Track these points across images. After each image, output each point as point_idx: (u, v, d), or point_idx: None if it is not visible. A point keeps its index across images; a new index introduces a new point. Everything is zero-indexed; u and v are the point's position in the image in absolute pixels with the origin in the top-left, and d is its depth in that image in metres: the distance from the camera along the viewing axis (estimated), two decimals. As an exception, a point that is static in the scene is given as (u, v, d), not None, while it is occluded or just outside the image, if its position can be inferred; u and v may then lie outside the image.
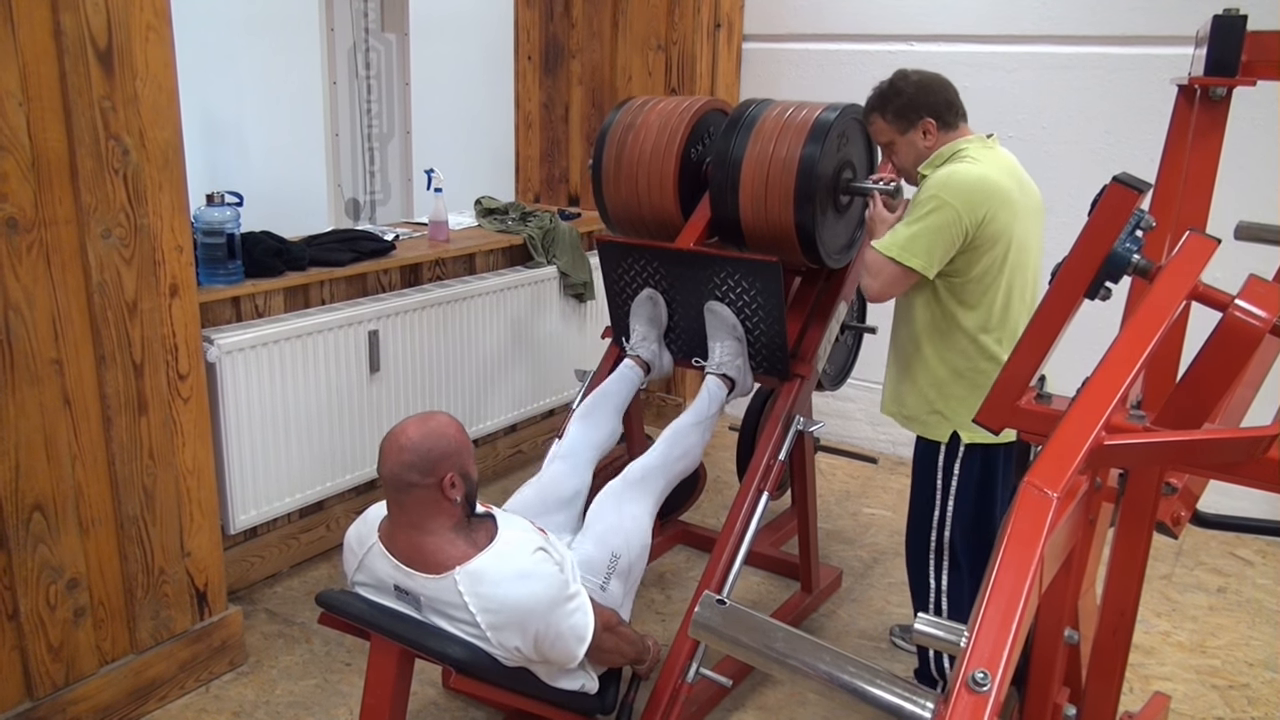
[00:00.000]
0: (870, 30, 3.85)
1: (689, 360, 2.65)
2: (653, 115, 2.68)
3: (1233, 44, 1.49)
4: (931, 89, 2.27)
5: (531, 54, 4.32)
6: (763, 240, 2.52)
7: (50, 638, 2.19)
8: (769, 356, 2.52)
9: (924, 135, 2.27)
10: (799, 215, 2.41)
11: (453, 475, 1.87)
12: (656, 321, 2.62)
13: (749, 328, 2.50)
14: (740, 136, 2.49)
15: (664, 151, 2.62)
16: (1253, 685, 2.67)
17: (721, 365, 2.50)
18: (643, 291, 2.62)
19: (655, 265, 2.58)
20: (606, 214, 2.80)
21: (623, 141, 2.68)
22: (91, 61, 2.05)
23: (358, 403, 3.11)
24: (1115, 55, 3.41)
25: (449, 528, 1.89)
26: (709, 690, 2.39)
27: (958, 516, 2.36)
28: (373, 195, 4.87)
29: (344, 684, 2.56)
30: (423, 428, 1.88)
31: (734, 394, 2.53)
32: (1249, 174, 3.05)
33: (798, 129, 2.43)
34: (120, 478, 2.26)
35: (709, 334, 2.54)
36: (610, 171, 2.71)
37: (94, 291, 2.14)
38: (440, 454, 1.86)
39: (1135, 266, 1.29)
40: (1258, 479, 1.17)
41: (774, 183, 2.42)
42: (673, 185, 2.62)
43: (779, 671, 0.96)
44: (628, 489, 2.30)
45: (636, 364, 2.58)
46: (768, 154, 2.43)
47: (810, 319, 2.65)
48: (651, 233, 2.74)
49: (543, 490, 2.35)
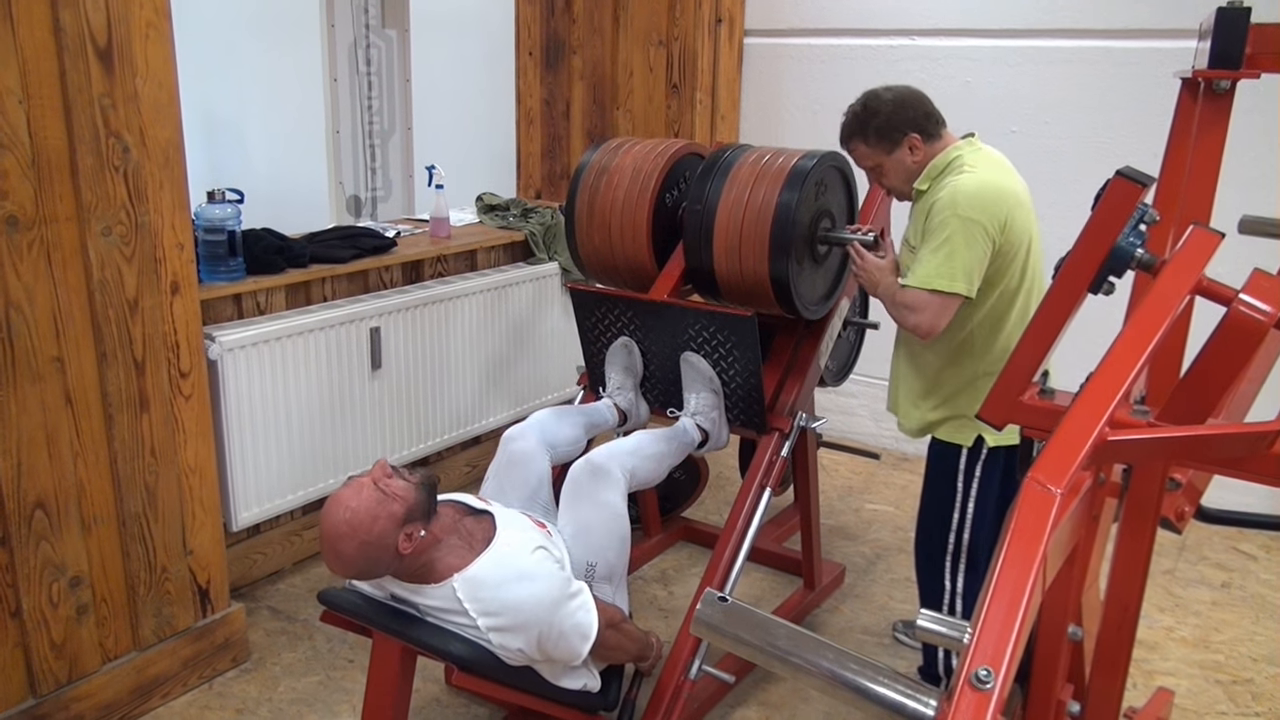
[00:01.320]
0: (872, 25, 3.83)
1: (664, 410, 2.58)
2: (627, 159, 2.60)
3: (1237, 37, 1.48)
4: (908, 103, 2.21)
5: (532, 50, 4.31)
6: (738, 291, 2.45)
7: (53, 635, 2.19)
8: (746, 409, 2.45)
9: (910, 151, 2.21)
10: (774, 267, 2.33)
11: (399, 541, 1.79)
12: (632, 370, 2.55)
13: (725, 380, 2.42)
14: (715, 183, 2.41)
15: (637, 199, 2.53)
16: (1256, 680, 2.66)
17: (696, 415, 2.42)
18: (618, 340, 2.55)
19: (630, 315, 2.51)
20: (579, 260, 2.72)
21: (595, 186, 2.60)
22: (91, 59, 2.05)
23: (359, 400, 3.10)
24: (1118, 49, 3.40)
25: (435, 550, 1.87)
26: (711, 687, 2.39)
27: (978, 519, 2.32)
28: (374, 192, 4.87)
29: (347, 681, 2.57)
30: (350, 544, 1.76)
31: (706, 448, 2.46)
32: (1253, 168, 3.04)
33: (774, 176, 2.34)
34: (122, 475, 2.26)
35: (685, 385, 2.47)
36: (583, 217, 2.63)
37: (95, 289, 2.14)
38: (377, 551, 1.77)
39: (1139, 261, 1.28)
40: (1262, 474, 1.16)
41: (748, 233, 2.34)
42: (646, 233, 2.54)
43: (781, 669, 0.96)
44: (596, 475, 2.17)
45: (615, 409, 2.52)
46: (743, 201, 2.35)
47: (788, 371, 2.57)
48: (625, 280, 2.67)
49: (502, 486, 2.25)
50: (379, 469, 1.83)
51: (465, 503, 2.06)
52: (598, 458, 2.19)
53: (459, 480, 3.63)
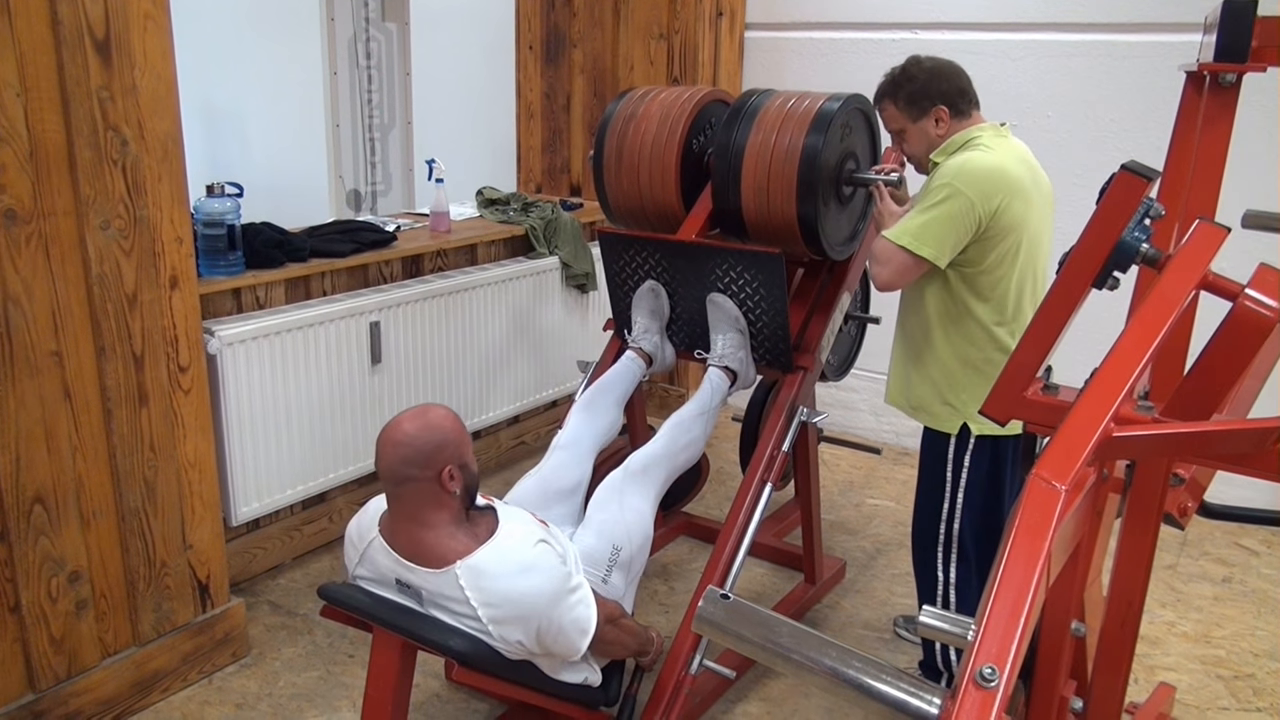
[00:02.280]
0: (874, 18, 3.82)
1: (691, 352, 2.64)
2: (654, 106, 2.66)
3: (1243, 29, 1.47)
4: (944, 76, 2.24)
5: (533, 43, 4.30)
6: (765, 232, 2.50)
7: (52, 630, 2.19)
8: (771, 348, 2.50)
9: (936, 123, 2.24)
10: (801, 207, 2.39)
11: (451, 468, 1.85)
12: (658, 314, 2.60)
13: (751, 320, 2.48)
14: (742, 127, 2.46)
15: (665, 142, 2.60)
16: (1258, 675, 2.66)
17: (723, 357, 2.49)
18: (644, 283, 2.60)
19: (657, 257, 2.56)
20: (608, 205, 2.78)
21: (624, 133, 2.66)
22: (89, 52, 2.04)
23: (359, 394, 3.10)
24: (1122, 42, 3.39)
25: (449, 521, 1.88)
26: (712, 682, 2.39)
27: (967, 509, 2.34)
28: (374, 186, 4.85)
29: (347, 675, 2.56)
30: (419, 421, 1.87)
31: (736, 386, 2.51)
32: (1258, 162, 3.02)
33: (800, 119, 2.40)
34: (121, 470, 2.25)
35: (711, 326, 2.52)
36: (611, 163, 2.69)
37: (93, 283, 2.13)
38: (437, 446, 1.84)
39: (1144, 255, 1.28)
40: (1266, 470, 1.15)
41: (776, 174, 2.40)
42: (674, 176, 2.60)
43: (784, 667, 0.95)
44: (629, 480, 2.29)
45: (639, 356, 2.57)
46: (770, 144, 2.41)
47: (813, 311, 2.63)
48: (653, 224, 2.72)
49: (544, 481, 2.33)
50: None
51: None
52: (634, 465, 2.30)
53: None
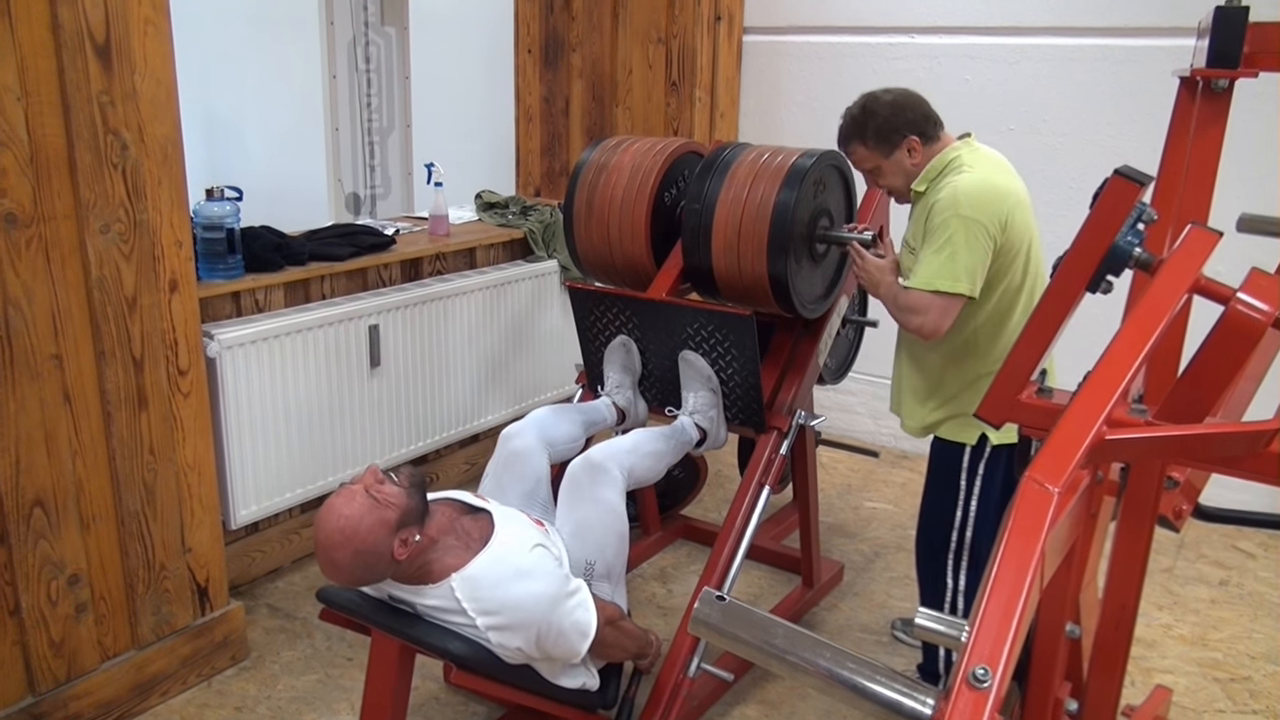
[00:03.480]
0: (872, 22, 3.83)
1: (663, 409, 2.58)
2: (626, 156, 2.60)
3: (1235, 35, 1.48)
4: (907, 105, 2.21)
5: (531, 47, 4.31)
6: (736, 289, 2.45)
7: (52, 633, 2.19)
8: (744, 408, 2.45)
9: (909, 154, 2.22)
10: (772, 265, 2.33)
11: (394, 547, 1.78)
12: (630, 369, 2.55)
13: (724, 379, 2.42)
14: (714, 181, 2.40)
15: (636, 195, 2.53)
16: (1254, 678, 2.67)
17: (695, 414, 2.42)
18: (616, 338, 2.55)
19: (628, 314, 2.51)
20: (578, 259, 2.72)
21: (595, 183, 2.60)
22: (90, 56, 2.04)
23: (358, 397, 3.10)
24: (1117, 47, 3.40)
25: (430, 550, 1.86)
26: (710, 685, 2.39)
27: (981, 517, 2.32)
28: (373, 189, 4.86)
29: (346, 679, 2.57)
30: (344, 552, 1.74)
31: (704, 447, 2.45)
32: (1251, 166, 3.03)
33: (773, 175, 2.34)
34: (121, 473, 2.26)
35: (683, 383, 2.46)
36: (581, 215, 2.63)
37: (93, 287, 2.13)
38: (371, 559, 1.76)
39: (1137, 260, 1.28)
40: (1260, 473, 1.16)
41: (747, 230, 2.35)
42: (644, 230, 2.54)
43: (779, 668, 0.96)
44: (594, 472, 2.16)
45: (613, 407, 2.52)
46: (741, 200, 2.35)
47: (786, 370, 2.57)
48: (623, 278, 2.67)
49: (501, 484, 2.25)
50: (370, 475, 1.81)
51: (462, 500, 2.05)
52: (596, 455, 2.19)
53: (457, 478, 3.63)
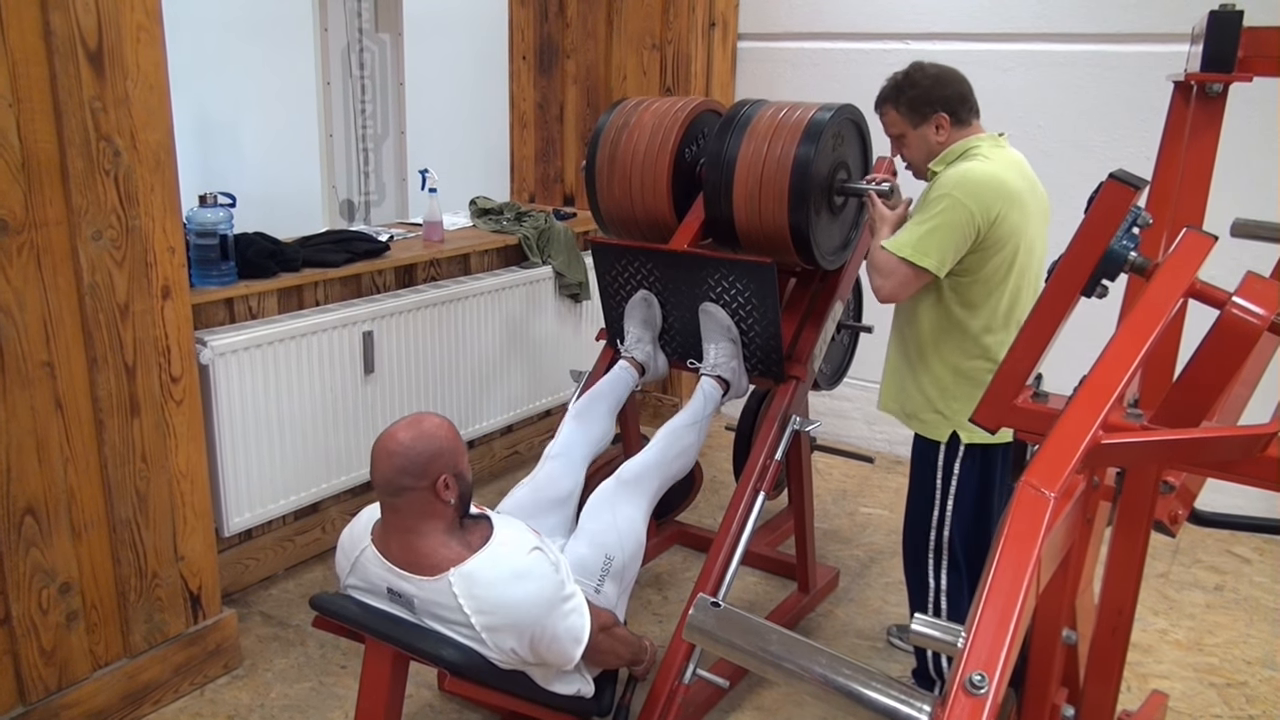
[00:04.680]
0: (865, 29, 3.84)
1: (684, 362, 2.64)
2: (646, 115, 2.67)
3: (1229, 40, 1.48)
4: (947, 83, 2.25)
5: (526, 54, 4.31)
6: (757, 241, 2.50)
7: (42, 642, 2.18)
8: (764, 358, 2.50)
9: (936, 130, 2.25)
10: (793, 216, 2.39)
11: (446, 477, 1.85)
12: (651, 323, 2.61)
13: (744, 329, 2.48)
14: (734, 136, 2.47)
15: (658, 152, 2.60)
16: (1250, 683, 2.66)
17: (716, 367, 2.49)
18: (637, 293, 2.60)
19: (649, 267, 2.57)
20: (600, 215, 2.78)
21: (616, 141, 2.67)
22: (82, 62, 2.04)
23: (352, 404, 3.09)
24: (1111, 53, 3.41)
25: (443, 530, 1.88)
26: (706, 691, 2.38)
27: (957, 516, 2.35)
28: (367, 196, 4.85)
29: (339, 687, 2.55)
30: (413, 430, 1.87)
31: (729, 396, 2.52)
32: (1245, 171, 3.04)
33: (792, 129, 2.41)
34: (113, 481, 2.25)
35: (704, 336, 2.53)
36: (604, 172, 2.70)
37: (85, 293, 2.13)
38: (432, 455, 1.84)
39: (1132, 264, 1.28)
40: (1256, 477, 1.16)
41: (768, 183, 2.41)
42: (666, 186, 2.61)
43: (774, 675, 0.95)
44: (621, 489, 2.28)
45: (631, 365, 2.57)
46: (761, 154, 2.41)
47: (805, 320, 2.63)
48: (645, 234, 2.72)
49: (536, 490, 2.33)
50: None
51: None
52: (628, 474, 2.30)
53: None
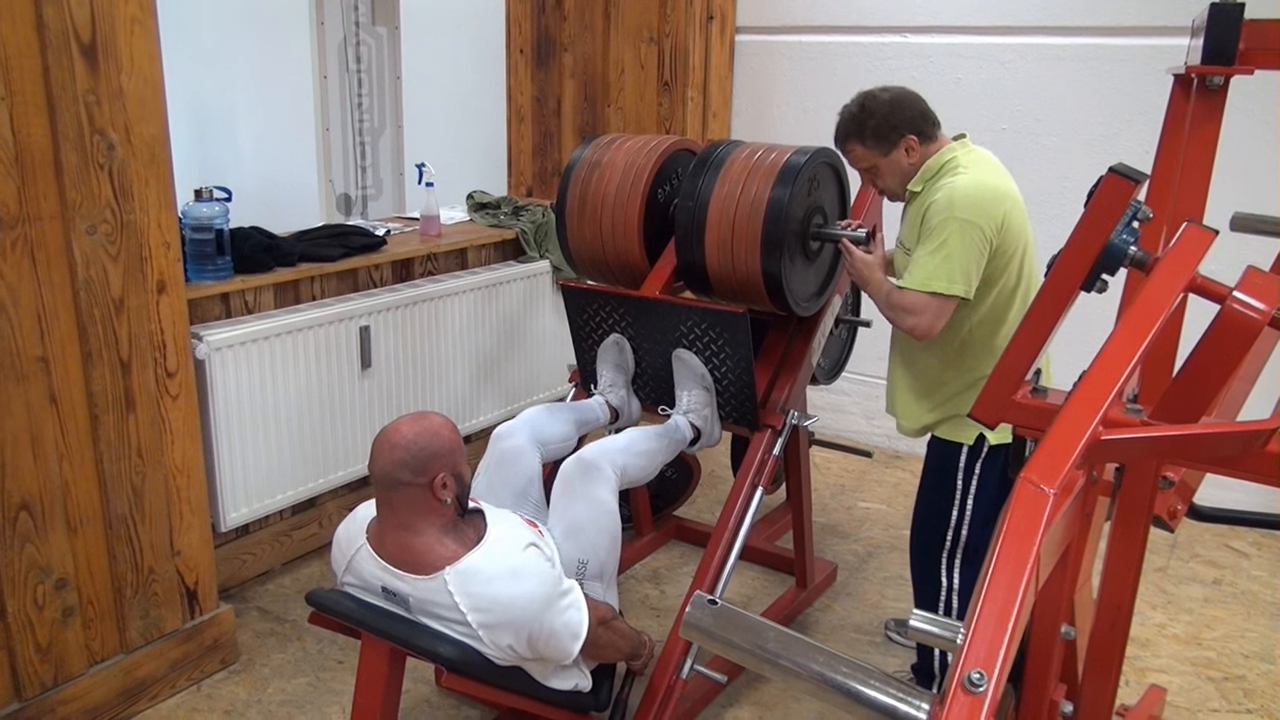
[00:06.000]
0: (864, 22, 3.83)
1: (656, 408, 2.56)
2: (619, 155, 2.59)
3: (1230, 32, 1.47)
4: (905, 104, 2.20)
5: (523, 47, 4.29)
6: (730, 287, 2.44)
7: (38, 638, 2.17)
8: (738, 406, 2.44)
9: (907, 153, 2.21)
10: (766, 262, 2.32)
11: (444, 476, 1.84)
12: (623, 368, 2.54)
13: (717, 377, 2.41)
14: (707, 179, 2.40)
15: (629, 194, 2.52)
16: (1248, 677, 2.66)
17: (689, 413, 2.42)
18: (609, 337, 2.54)
19: (621, 312, 2.50)
20: (570, 256, 2.70)
21: (587, 181, 2.59)
22: (75, 55, 2.02)
23: (349, 399, 3.08)
24: (1110, 46, 3.40)
25: (438, 528, 1.86)
26: (704, 686, 2.38)
27: (977, 516, 2.32)
28: (364, 190, 4.84)
29: (336, 682, 2.55)
30: (416, 426, 1.86)
31: (699, 445, 2.45)
32: (1246, 165, 3.03)
33: (766, 172, 2.34)
34: (108, 476, 2.24)
35: (676, 382, 2.46)
36: (574, 212, 2.62)
37: (80, 288, 2.11)
38: (432, 453, 1.83)
39: (1132, 258, 1.28)
40: (1256, 473, 1.15)
41: (741, 227, 2.34)
42: (637, 228, 2.53)
43: (771, 673, 0.95)
44: (587, 472, 2.17)
45: (606, 406, 2.51)
46: (735, 197, 2.34)
47: (780, 368, 2.56)
48: (617, 276, 2.66)
49: (492, 483, 2.25)
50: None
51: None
52: (588, 455, 2.19)
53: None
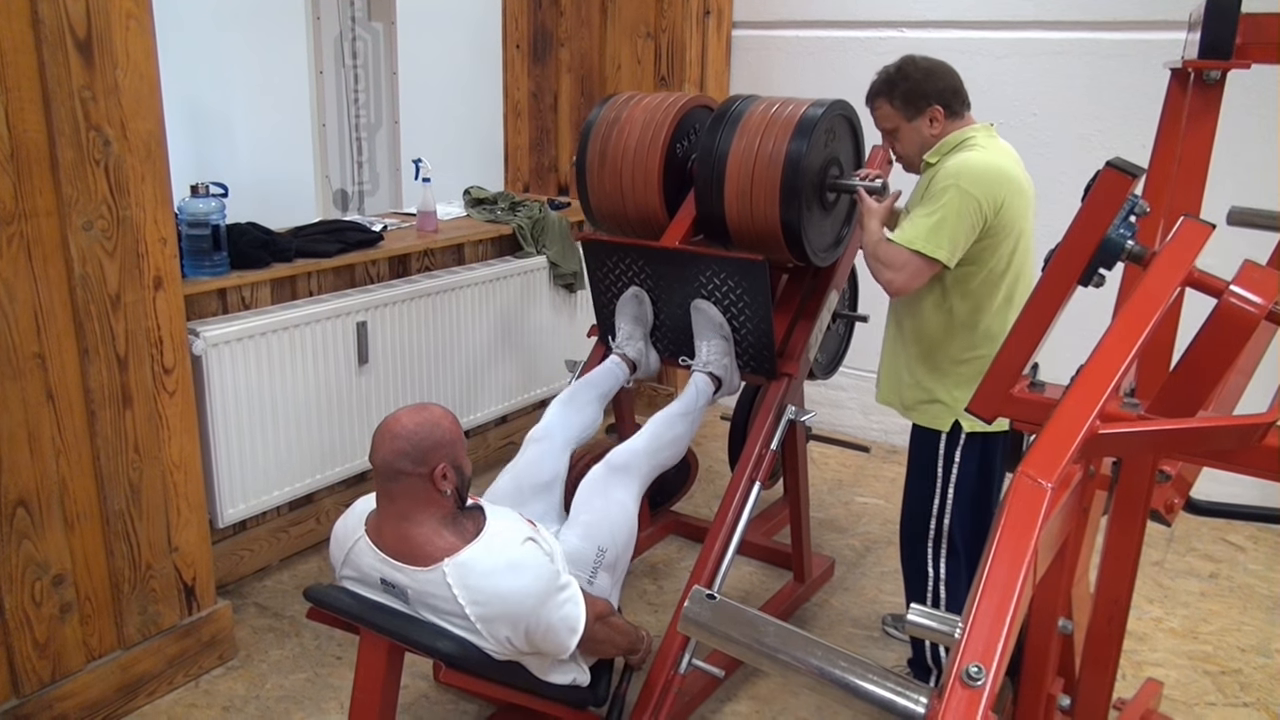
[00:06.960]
0: (860, 17, 3.83)
1: (675, 359, 2.62)
2: (637, 110, 2.64)
3: (1227, 26, 1.47)
4: (940, 76, 2.25)
5: (520, 43, 4.29)
6: (748, 237, 2.48)
7: (36, 634, 2.17)
8: (756, 355, 2.49)
9: (930, 123, 2.24)
10: (784, 212, 2.37)
11: (444, 466, 1.85)
12: (642, 320, 2.59)
13: (735, 326, 2.46)
14: (725, 132, 2.44)
15: (648, 147, 2.57)
16: (1245, 670, 2.67)
17: (708, 364, 2.47)
18: (628, 289, 2.58)
19: (640, 264, 2.55)
20: (590, 211, 2.75)
21: (607, 137, 2.64)
22: (71, 51, 2.02)
23: (346, 395, 3.08)
24: (1107, 40, 3.40)
25: (437, 520, 1.87)
26: (701, 681, 2.38)
27: (957, 505, 2.35)
28: (361, 186, 4.83)
29: (335, 677, 2.55)
30: (416, 417, 1.87)
31: (720, 393, 2.50)
32: (1243, 159, 3.04)
33: (784, 124, 2.38)
34: (105, 472, 2.24)
35: (695, 332, 2.51)
36: (594, 167, 2.66)
37: (76, 284, 2.11)
38: (433, 444, 1.84)
39: (1129, 253, 1.28)
40: (1253, 466, 1.16)
41: (759, 179, 2.38)
42: (657, 181, 2.58)
43: (770, 667, 0.95)
44: (612, 475, 2.27)
45: (623, 362, 2.56)
46: (753, 149, 2.39)
47: (797, 317, 2.61)
48: (636, 230, 2.70)
49: (518, 477, 2.31)
50: None
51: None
52: (617, 460, 2.28)
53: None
